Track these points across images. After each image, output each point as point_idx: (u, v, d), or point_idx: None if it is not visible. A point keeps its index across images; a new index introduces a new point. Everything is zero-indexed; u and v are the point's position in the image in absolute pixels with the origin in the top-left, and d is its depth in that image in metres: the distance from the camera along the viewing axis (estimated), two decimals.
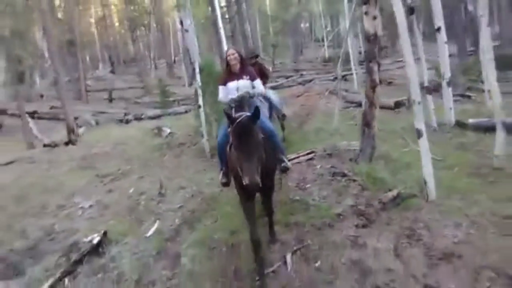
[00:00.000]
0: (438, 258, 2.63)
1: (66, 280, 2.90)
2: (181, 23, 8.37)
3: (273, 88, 17.99)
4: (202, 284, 2.77)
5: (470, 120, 5.90)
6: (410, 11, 5.75)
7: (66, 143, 8.28)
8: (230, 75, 3.35)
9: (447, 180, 3.84)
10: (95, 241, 3.30)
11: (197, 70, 6.28)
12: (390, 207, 3.49)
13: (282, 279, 2.70)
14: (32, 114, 12.35)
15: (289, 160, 5.18)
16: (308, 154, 5.30)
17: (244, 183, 2.33)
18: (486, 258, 2.54)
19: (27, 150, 8.42)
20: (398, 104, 9.02)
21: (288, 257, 2.91)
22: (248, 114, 2.61)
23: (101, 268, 3.05)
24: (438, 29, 5.71)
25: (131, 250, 3.29)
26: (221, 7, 11.64)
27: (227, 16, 14.24)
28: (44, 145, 8.26)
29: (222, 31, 8.22)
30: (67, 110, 8.48)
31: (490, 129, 5.04)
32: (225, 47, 7.44)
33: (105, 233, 3.44)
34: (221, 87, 3.40)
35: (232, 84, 3.29)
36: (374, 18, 3.95)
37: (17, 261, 3.16)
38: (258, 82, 3.34)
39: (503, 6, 14.41)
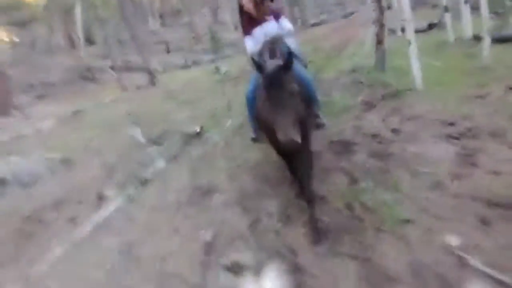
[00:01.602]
0: (407, 119, 4.21)
1: (187, 146, 5.09)
2: None
3: (316, 24, 18.54)
4: (261, 146, 4.72)
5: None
6: None
7: (149, 85, 10.68)
8: (251, 22, 2.98)
9: (437, 77, 5.15)
10: (197, 130, 5.43)
11: None
12: (388, 97, 5.01)
13: None
14: (112, 67, 15.09)
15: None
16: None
17: (278, 140, 2.02)
18: (439, 115, 4.05)
19: (122, 92, 11.05)
20: (431, 26, 9.69)
21: None
22: (280, 62, 2.24)
23: (203, 141, 5.18)
24: None
25: (218, 134, 5.35)
26: None
27: None
28: (135, 88, 10.79)
29: None
30: (147, 60, 10.75)
31: (498, 40, 5.99)
32: None
33: (201, 127, 5.55)
34: (247, 38, 3.02)
35: (257, 31, 2.95)
36: None
37: (157, 138, 5.47)
38: (284, 20, 3.05)
39: None
